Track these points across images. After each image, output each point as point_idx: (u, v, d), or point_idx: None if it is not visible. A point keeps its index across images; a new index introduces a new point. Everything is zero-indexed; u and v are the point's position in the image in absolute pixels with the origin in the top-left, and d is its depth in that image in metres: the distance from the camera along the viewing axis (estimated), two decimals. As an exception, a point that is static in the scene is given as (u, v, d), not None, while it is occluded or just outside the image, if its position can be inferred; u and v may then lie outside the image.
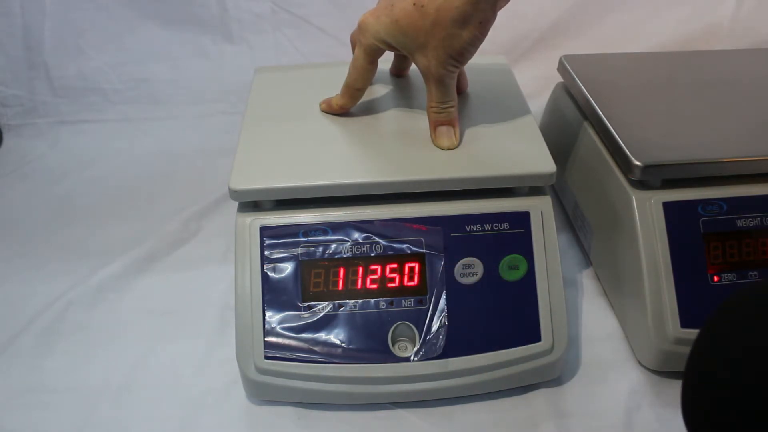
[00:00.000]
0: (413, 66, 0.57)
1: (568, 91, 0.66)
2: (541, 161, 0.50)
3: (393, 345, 0.47)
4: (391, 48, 0.50)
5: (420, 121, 0.53)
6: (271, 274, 0.48)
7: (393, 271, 0.48)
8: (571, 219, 0.66)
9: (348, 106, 0.54)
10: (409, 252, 0.49)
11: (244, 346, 0.48)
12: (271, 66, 0.66)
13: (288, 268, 0.48)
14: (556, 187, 0.69)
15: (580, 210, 0.62)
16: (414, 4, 0.46)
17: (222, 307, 0.58)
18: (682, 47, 0.86)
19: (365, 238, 0.49)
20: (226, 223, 0.67)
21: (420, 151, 0.50)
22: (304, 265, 0.48)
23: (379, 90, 0.59)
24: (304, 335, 0.47)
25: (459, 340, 0.47)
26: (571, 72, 0.63)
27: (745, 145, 0.53)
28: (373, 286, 0.48)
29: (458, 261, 0.48)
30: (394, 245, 0.49)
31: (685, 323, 0.49)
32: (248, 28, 0.85)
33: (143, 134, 0.83)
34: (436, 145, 0.51)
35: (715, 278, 0.50)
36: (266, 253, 0.48)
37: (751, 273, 0.50)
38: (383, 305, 0.48)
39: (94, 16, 0.82)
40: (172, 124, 0.84)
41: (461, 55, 0.47)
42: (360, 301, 0.48)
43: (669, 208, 0.50)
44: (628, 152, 0.51)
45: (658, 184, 0.52)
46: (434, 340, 0.47)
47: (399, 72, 0.61)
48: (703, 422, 0.35)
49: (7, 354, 0.55)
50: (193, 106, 0.85)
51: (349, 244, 0.48)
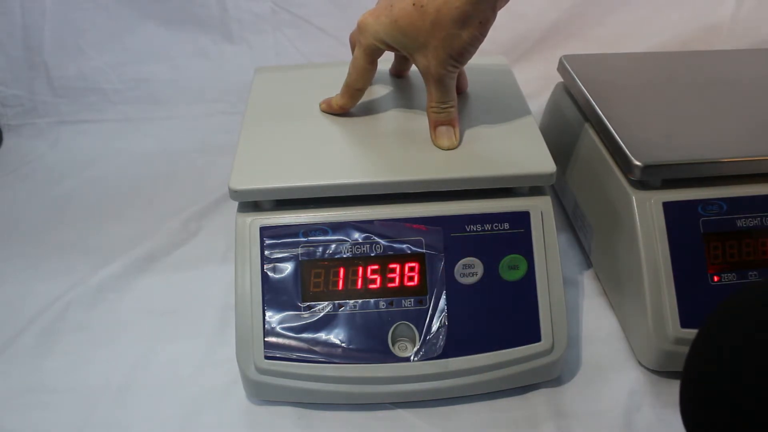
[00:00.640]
0: (413, 66, 0.57)
1: (568, 91, 0.66)
2: (541, 161, 0.50)
3: (393, 345, 0.47)
4: (391, 48, 0.50)
5: (420, 121, 0.53)
6: (271, 274, 0.48)
7: (393, 271, 0.48)
8: (571, 219, 0.66)
9: (348, 106, 0.54)
10: (409, 252, 0.49)
11: (244, 346, 0.48)
12: (271, 66, 0.66)
13: (288, 268, 0.48)
14: (556, 187, 0.69)
15: (580, 210, 0.62)
16: (414, 5, 0.46)
17: (222, 307, 0.58)
18: (682, 47, 0.86)
19: (365, 238, 0.49)
20: (226, 223, 0.67)
21: (420, 151, 0.50)
22: (304, 265, 0.48)
23: (379, 90, 0.59)
24: (304, 335, 0.47)
25: (459, 340, 0.47)
26: (571, 72, 0.63)
27: (745, 145, 0.53)
28: (373, 286, 0.48)
29: (458, 261, 0.48)
30: (394, 245, 0.49)
31: (685, 323, 0.49)
32: (248, 28, 0.85)
33: (143, 134, 0.83)
34: (436, 145, 0.51)
35: (715, 278, 0.50)
36: (266, 253, 0.48)
37: (751, 273, 0.50)
38: (383, 305, 0.48)
39: (94, 16, 0.82)
40: (172, 124, 0.84)
41: (461, 56, 0.47)
42: (360, 301, 0.48)
43: (669, 208, 0.50)
44: (628, 152, 0.51)
45: (658, 184, 0.52)
46: (434, 340, 0.47)
47: (399, 73, 0.61)
48: (702, 420, 0.35)
49: (7, 354, 0.55)
50: (193, 106, 0.85)
51: (349, 244, 0.48)
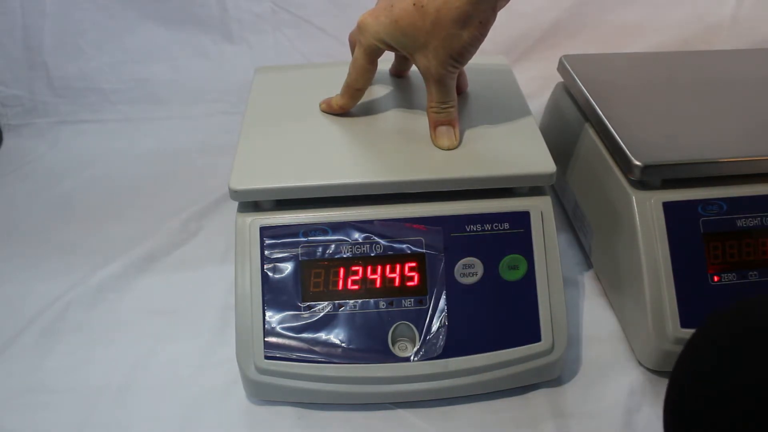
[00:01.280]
0: (413, 66, 0.57)
1: (568, 91, 0.66)
2: (541, 161, 0.50)
3: (393, 345, 0.47)
4: (391, 48, 0.50)
5: (420, 121, 0.53)
6: (271, 274, 0.48)
7: (393, 271, 0.48)
8: (571, 219, 0.66)
9: (348, 106, 0.54)
10: (409, 252, 0.49)
11: (244, 346, 0.48)
12: (271, 66, 0.66)
13: (288, 268, 0.48)
14: (556, 187, 0.69)
15: (580, 210, 0.62)
16: (414, 5, 0.46)
17: (222, 307, 0.58)
18: (682, 47, 0.86)
19: (365, 238, 0.49)
20: (226, 223, 0.67)
21: (420, 151, 0.50)
22: (304, 265, 0.48)
23: (379, 90, 0.59)
24: (304, 335, 0.47)
25: (459, 340, 0.47)
26: (571, 72, 0.63)
27: (745, 145, 0.53)
28: (373, 286, 0.48)
29: (458, 261, 0.48)
30: (394, 245, 0.49)
31: (685, 323, 0.49)
32: (248, 28, 0.85)
33: (143, 134, 0.83)
34: (436, 145, 0.51)
35: (715, 278, 0.50)
36: (266, 253, 0.48)
37: (751, 273, 0.50)
38: (383, 305, 0.48)
39: (94, 16, 0.82)
40: (172, 124, 0.84)
41: (461, 56, 0.47)
42: (360, 301, 0.48)
43: (669, 208, 0.50)
44: (628, 152, 0.51)
45: (658, 184, 0.52)
46: (434, 340, 0.47)
47: (399, 73, 0.61)
48: (693, 423, 0.34)
49: (7, 354, 0.55)
50: (193, 106, 0.85)
51: (349, 244, 0.48)
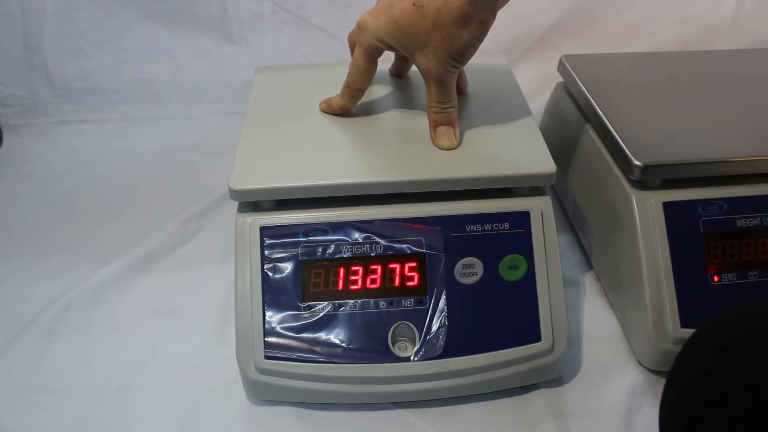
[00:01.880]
0: (413, 66, 0.57)
1: (568, 91, 0.66)
2: (541, 161, 0.50)
3: (393, 345, 0.47)
4: (391, 48, 0.50)
5: (420, 121, 0.53)
6: (271, 274, 0.48)
7: (393, 271, 0.48)
8: (571, 219, 0.66)
9: (348, 106, 0.54)
10: (409, 252, 0.49)
11: (244, 346, 0.47)
12: (271, 66, 0.66)
13: (288, 268, 0.48)
14: (556, 187, 0.69)
15: (580, 210, 0.62)
16: (414, 4, 0.46)
17: (222, 307, 0.58)
18: (682, 47, 0.86)
19: (365, 238, 0.49)
20: (226, 223, 0.67)
21: (420, 151, 0.50)
22: (304, 265, 0.48)
23: (379, 90, 0.59)
24: (304, 335, 0.47)
25: (459, 340, 0.47)
26: (571, 72, 0.63)
27: (745, 145, 0.53)
28: (373, 286, 0.48)
29: (458, 261, 0.48)
30: (394, 245, 0.49)
31: (685, 323, 0.49)
32: (248, 28, 0.85)
33: (143, 134, 0.83)
34: (436, 145, 0.51)
35: (715, 278, 0.50)
36: (266, 253, 0.48)
37: (751, 273, 0.50)
38: (383, 305, 0.48)
39: (94, 16, 0.82)
40: (172, 124, 0.83)
41: (461, 55, 0.47)
42: (360, 301, 0.48)
43: (669, 208, 0.50)
44: (628, 152, 0.51)
45: (658, 184, 0.52)
46: (434, 340, 0.47)
47: (399, 73, 0.61)
48: (693, 423, 0.34)
49: (7, 354, 0.55)
50: (193, 106, 0.85)
51: (349, 244, 0.48)
